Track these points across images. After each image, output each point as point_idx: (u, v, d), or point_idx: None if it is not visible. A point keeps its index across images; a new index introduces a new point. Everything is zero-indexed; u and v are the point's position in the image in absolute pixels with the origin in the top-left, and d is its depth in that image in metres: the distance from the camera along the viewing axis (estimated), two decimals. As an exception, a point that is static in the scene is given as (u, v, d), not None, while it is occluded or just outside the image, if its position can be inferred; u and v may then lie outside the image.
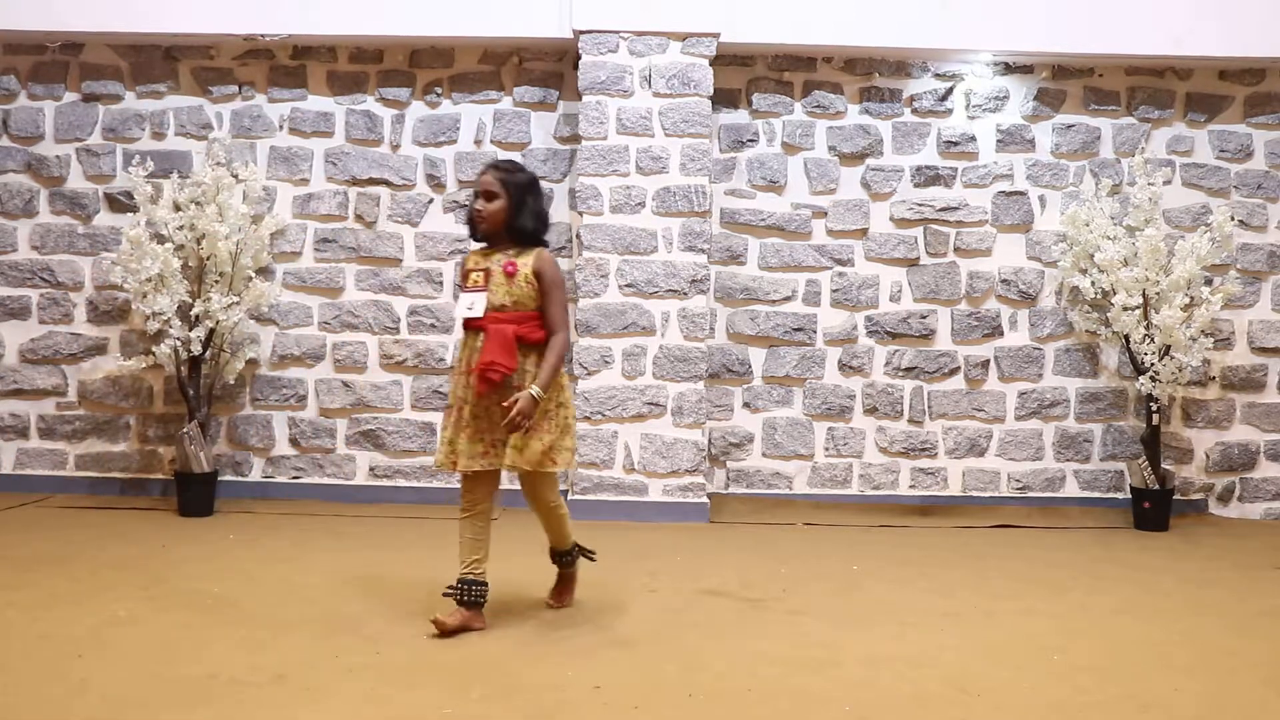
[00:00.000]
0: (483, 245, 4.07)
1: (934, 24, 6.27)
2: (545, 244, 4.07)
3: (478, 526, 3.98)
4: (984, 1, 6.27)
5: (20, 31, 6.36)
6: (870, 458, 6.56)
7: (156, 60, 6.56)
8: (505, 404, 3.83)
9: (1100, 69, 6.54)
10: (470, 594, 3.93)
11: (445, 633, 3.84)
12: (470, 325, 3.94)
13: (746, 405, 6.55)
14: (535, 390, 3.82)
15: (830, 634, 4.02)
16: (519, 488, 4.20)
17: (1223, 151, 6.56)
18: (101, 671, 3.44)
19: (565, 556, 4.30)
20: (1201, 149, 6.58)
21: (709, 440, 6.49)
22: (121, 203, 6.52)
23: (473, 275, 3.97)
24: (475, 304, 3.92)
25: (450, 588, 3.95)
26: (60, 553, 5.07)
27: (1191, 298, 6.16)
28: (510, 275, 3.91)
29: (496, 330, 3.85)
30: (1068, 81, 6.56)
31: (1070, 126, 6.56)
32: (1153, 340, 6.10)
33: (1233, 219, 6.26)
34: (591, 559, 4.37)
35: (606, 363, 6.17)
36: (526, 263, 3.95)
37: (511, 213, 3.96)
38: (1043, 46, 6.32)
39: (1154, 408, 6.18)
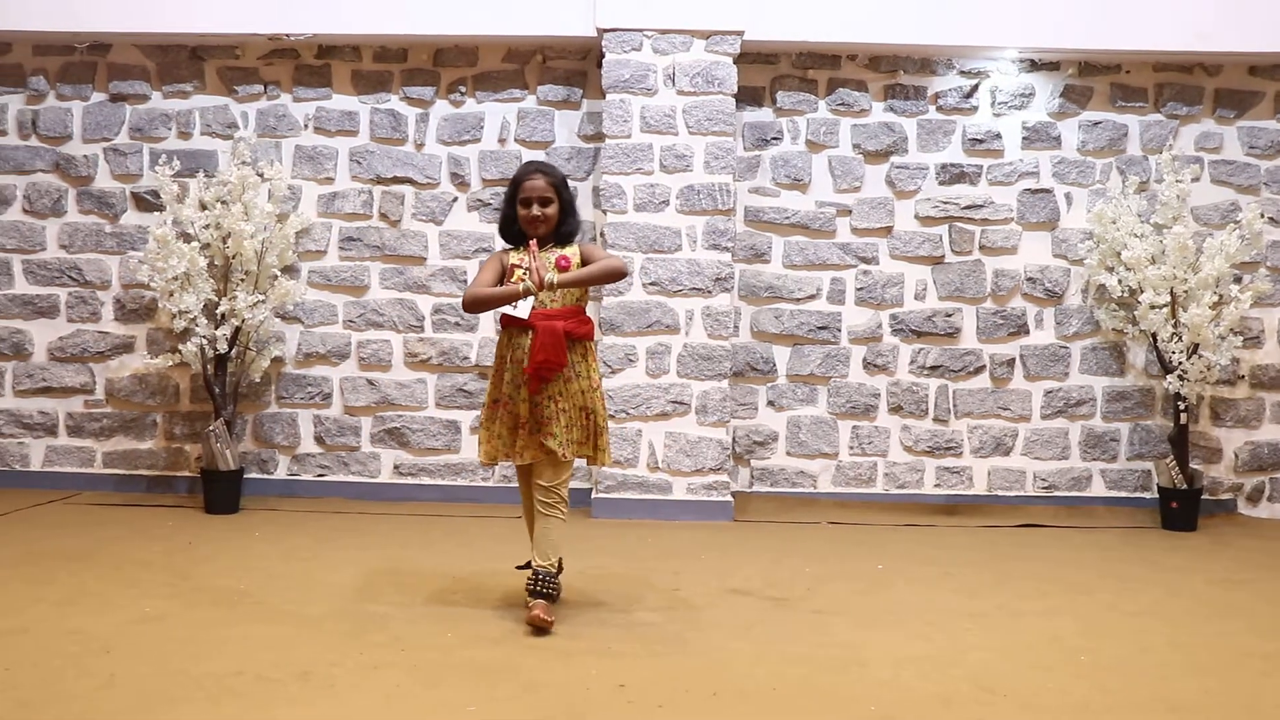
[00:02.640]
0: (509, 246, 4.21)
1: (959, 21, 6.24)
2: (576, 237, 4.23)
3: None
4: (1010, -2, 6.24)
5: (49, 32, 6.40)
6: (895, 456, 6.53)
7: (183, 60, 6.60)
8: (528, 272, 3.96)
9: (1127, 65, 6.49)
10: (550, 586, 4.00)
11: (548, 628, 3.89)
12: (518, 324, 3.99)
13: (771, 404, 6.53)
14: (553, 278, 3.93)
15: (855, 634, 4.01)
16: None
17: (1252, 148, 6.50)
18: (128, 667, 3.45)
19: (544, 580, 4.05)
20: (1231, 145, 6.52)
21: (733, 439, 6.48)
22: (148, 202, 6.56)
23: (517, 272, 4.02)
24: (520, 305, 3.97)
25: (525, 566, 4.15)
26: (88, 549, 5.11)
27: (1220, 295, 6.11)
28: (564, 269, 3.99)
29: (546, 328, 3.92)
30: (1094, 78, 6.52)
31: (1097, 123, 6.51)
32: (1180, 339, 6.05)
33: (1262, 216, 6.19)
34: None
35: (630, 361, 6.17)
36: (574, 253, 4.08)
37: (563, 214, 4.10)
38: (1069, 43, 6.27)
39: (1182, 406, 6.13)
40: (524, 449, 4.00)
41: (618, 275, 4.02)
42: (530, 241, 4.04)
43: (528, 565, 4.12)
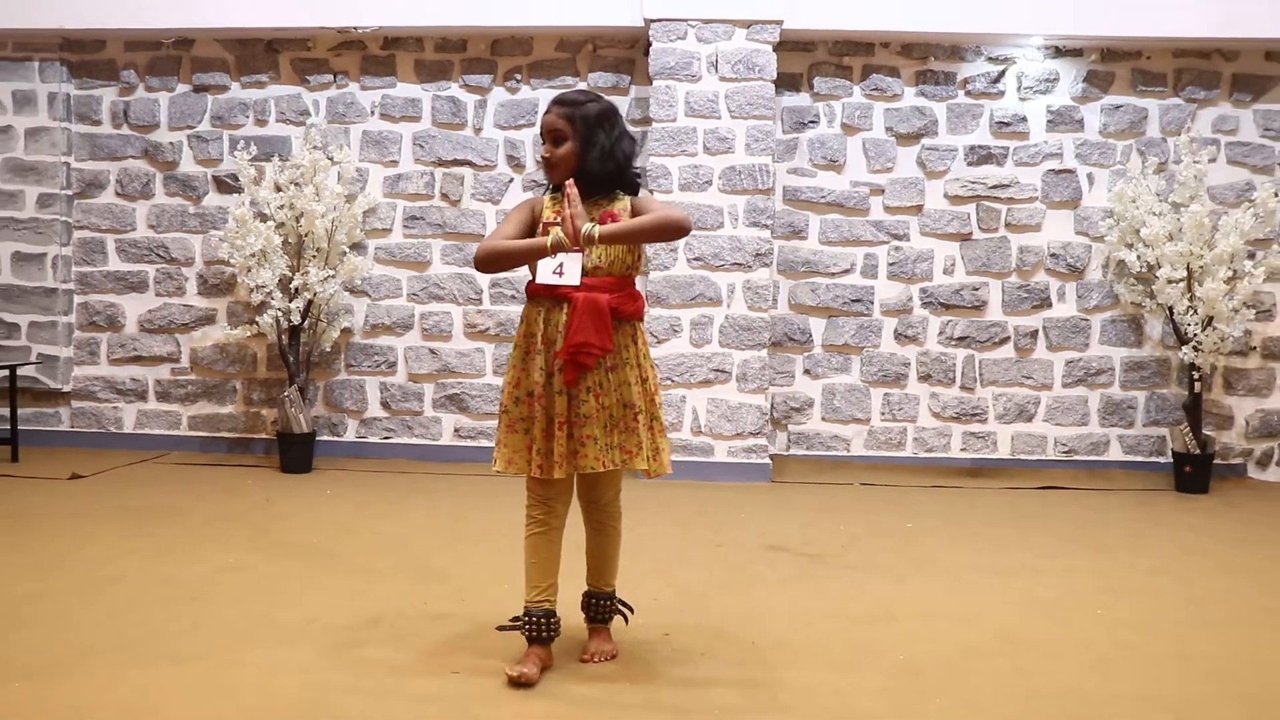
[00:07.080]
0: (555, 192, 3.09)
1: (987, 9, 6.12)
2: (637, 189, 3.07)
3: (553, 546, 3.09)
4: (1036, -13, 6.12)
5: (138, 30, 6.45)
6: (924, 422, 6.49)
7: (259, 53, 6.63)
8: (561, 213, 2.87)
9: (1148, 51, 6.35)
10: (545, 628, 3.07)
11: (531, 684, 2.95)
12: (553, 294, 2.95)
13: (807, 372, 6.50)
14: (593, 229, 2.84)
15: (886, 588, 4.00)
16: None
17: (1267, 130, 6.35)
18: (212, 613, 3.52)
19: (604, 602, 3.27)
20: (1247, 127, 6.37)
21: (771, 405, 6.46)
22: (228, 184, 6.61)
23: (554, 230, 2.89)
24: (567, 266, 2.90)
25: (514, 621, 3.12)
26: (175, 505, 5.19)
27: (1234, 271, 6.00)
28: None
29: (587, 301, 2.88)
30: (1116, 64, 6.39)
31: (1118, 107, 6.39)
32: (1196, 312, 5.95)
33: (1276, 195, 6.04)
34: (629, 613, 3.33)
35: (675, 331, 6.16)
36: (625, 209, 3.01)
37: (585, 154, 2.96)
38: (1091, 30, 6.14)
39: (1196, 376, 6.04)
40: (563, 459, 2.93)
41: (675, 230, 2.87)
42: (566, 182, 2.88)
43: (516, 624, 3.10)
